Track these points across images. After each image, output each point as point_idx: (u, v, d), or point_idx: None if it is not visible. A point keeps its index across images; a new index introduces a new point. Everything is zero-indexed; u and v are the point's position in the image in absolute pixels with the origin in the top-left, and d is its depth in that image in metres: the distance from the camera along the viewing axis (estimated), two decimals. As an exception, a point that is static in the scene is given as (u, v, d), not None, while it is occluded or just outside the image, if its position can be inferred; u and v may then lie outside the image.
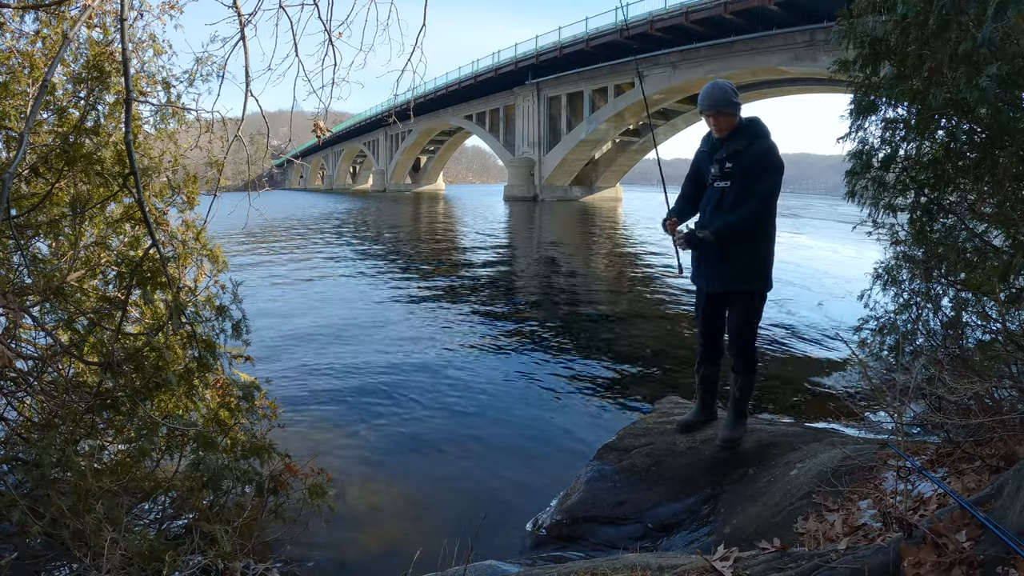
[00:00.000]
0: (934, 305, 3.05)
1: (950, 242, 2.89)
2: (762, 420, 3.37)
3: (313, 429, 3.94)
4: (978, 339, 2.79)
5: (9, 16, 2.44)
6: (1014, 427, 1.94)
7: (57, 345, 2.38)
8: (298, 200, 44.79)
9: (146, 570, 1.89)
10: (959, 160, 2.68)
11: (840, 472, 2.26)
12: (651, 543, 2.54)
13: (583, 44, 33.21)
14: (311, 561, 2.52)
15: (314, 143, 60.55)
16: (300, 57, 2.58)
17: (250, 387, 2.65)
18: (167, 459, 2.50)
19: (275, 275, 10.48)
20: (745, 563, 1.62)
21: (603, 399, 4.61)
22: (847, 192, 3.19)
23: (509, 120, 43.17)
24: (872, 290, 3.37)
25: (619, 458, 2.92)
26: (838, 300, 8.18)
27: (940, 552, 1.26)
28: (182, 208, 2.62)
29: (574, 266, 12.53)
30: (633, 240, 17.72)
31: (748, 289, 2.74)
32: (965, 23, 2.28)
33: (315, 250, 14.50)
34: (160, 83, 2.59)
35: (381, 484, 3.27)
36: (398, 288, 9.34)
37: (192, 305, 2.44)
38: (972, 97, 2.17)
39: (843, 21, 3.00)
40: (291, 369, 5.22)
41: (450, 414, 4.26)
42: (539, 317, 7.43)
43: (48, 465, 1.95)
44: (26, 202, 2.41)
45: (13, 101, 2.38)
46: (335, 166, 77.06)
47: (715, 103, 2.67)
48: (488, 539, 2.67)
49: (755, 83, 31.18)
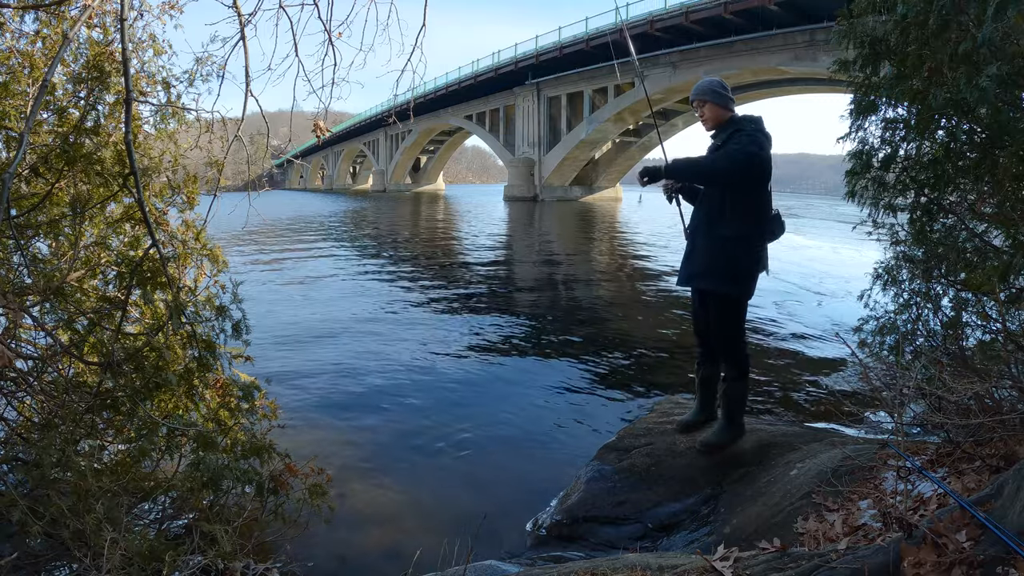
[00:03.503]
0: (934, 305, 3.05)
1: (950, 242, 2.89)
2: (762, 420, 3.37)
3: (313, 429, 3.94)
4: (978, 339, 2.79)
5: (9, 16, 2.43)
6: (1014, 427, 1.94)
7: (57, 345, 2.38)
8: (298, 200, 44.79)
9: (146, 570, 1.89)
10: (959, 160, 2.68)
11: (840, 472, 2.26)
12: (651, 543, 2.54)
13: (583, 44, 33.23)
14: (311, 561, 2.52)
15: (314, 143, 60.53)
16: (300, 57, 2.58)
17: (250, 387, 2.64)
18: (167, 459, 2.49)
19: (275, 275, 10.48)
20: (745, 563, 1.62)
21: (603, 399, 4.61)
22: (847, 192, 3.19)
23: (509, 120, 43.18)
24: (872, 290, 3.37)
25: (619, 458, 2.92)
26: (838, 300, 8.18)
27: (940, 552, 1.26)
28: (182, 208, 2.62)
29: (574, 266, 12.53)
30: (633, 240, 17.72)
31: (709, 288, 2.72)
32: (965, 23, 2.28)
33: (315, 250, 14.49)
34: (160, 83, 2.59)
35: (381, 484, 3.27)
36: (398, 288, 9.34)
37: (192, 305, 2.44)
38: (972, 97, 2.17)
39: (843, 21, 3.00)
40: (291, 369, 5.22)
41: (450, 414, 4.26)
42: (539, 317, 7.43)
43: (48, 465, 1.95)
44: (26, 202, 2.40)
45: (13, 101, 2.38)
46: (335, 166, 77.07)
47: (697, 91, 2.72)
48: (488, 539, 2.67)
49: (755, 83, 31.21)
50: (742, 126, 2.64)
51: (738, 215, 2.62)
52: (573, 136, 37.74)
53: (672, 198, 2.88)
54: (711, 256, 2.68)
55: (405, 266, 11.98)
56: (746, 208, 2.62)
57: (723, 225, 2.64)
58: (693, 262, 2.75)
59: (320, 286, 9.51)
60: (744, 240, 2.64)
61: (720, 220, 2.64)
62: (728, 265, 2.65)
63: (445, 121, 50.20)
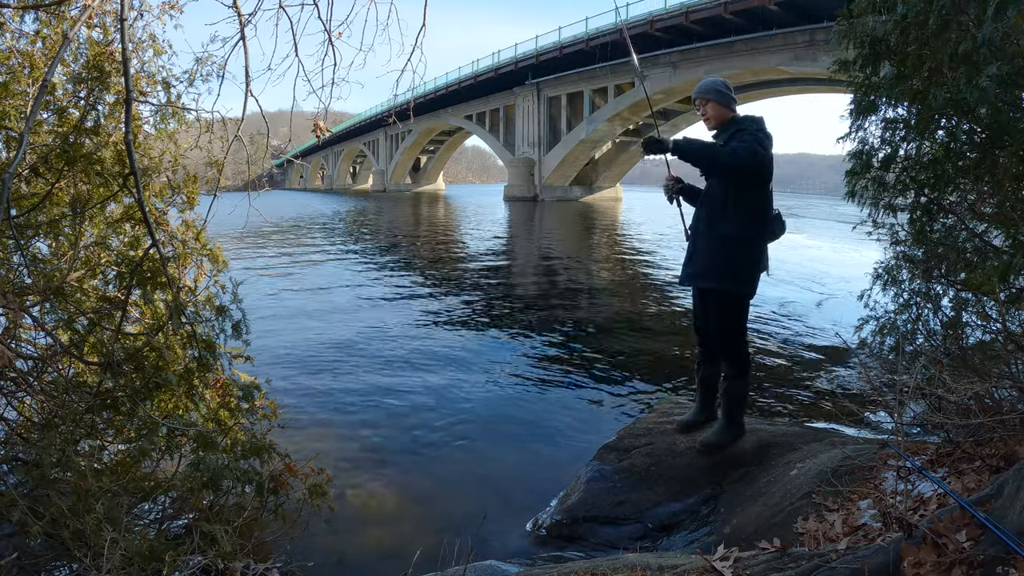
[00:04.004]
0: (934, 305, 3.05)
1: (950, 242, 2.89)
2: (762, 420, 3.37)
3: (313, 429, 3.94)
4: (978, 339, 2.79)
5: (9, 16, 2.43)
6: (1014, 427, 1.94)
7: (57, 345, 2.38)
8: (298, 200, 44.79)
9: (146, 570, 1.89)
10: (959, 160, 2.68)
11: (840, 472, 2.26)
12: (651, 543, 2.54)
13: (583, 44, 33.22)
14: (311, 561, 2.52)
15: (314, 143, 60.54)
16: (300, 57, 2.58)
17: (250, 387, 2.64)
18: (167, 459, 2.49)
19: (275, 275, 10.48)
20: (745, 563, 1.62)
21: (603, 399, 4.61)
22: (847, 192, 3.19)
23: (509, 120, 43.17)
24: (872, 290, 3.37)
25: (619, 458, 2.92)
26: (838, 300, 8.18)
27: (940, 552, 1.26)
28: (182, 208, 2.62)
29: (573, 266, 12.53)
30: (633, 240, 17.72)
31: (710, 287, 2.72)
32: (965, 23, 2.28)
33: (315, 250, 14.49)
34: (160, 83, 2.59)
35: (381, 484, 3.27)
36: (398, 288, 9.34)
37: (192, 305, 2.44)
38: (972, 97, 2.17)
39: (843, 21, 3.00)
40: (291, 369, 5.22)
41: (450, 414, 4.26)
42: (539, 317, 7.43)
43: (48, 465, 1.95)
44: (26, 202, 2.40)
45: (13, 101, 2.37)
46: (335, 166, 77.07)
47: (700, 90, 2.73)
48: (488, 539, 2.67)
49: (755, 83, 31.20)
50: (744, 126, 2.65)
51: (739, 215, 2.62)
52: (573, 136, 37.73)
53: (673, 199, 2.89)
54: (712, 255, 2.68)
55: (405, 266, 11.98)
56: (747, 208, 2.63)
57: (724, 225, 2.64)
58: (694, 262, 2.76)
59: (320, 285, 9.51)
60: (745, 239, 2.64)
61: (721, 220, 2.65)
62: (729, 264, 2.66)
63: (445, 121, 50.18)
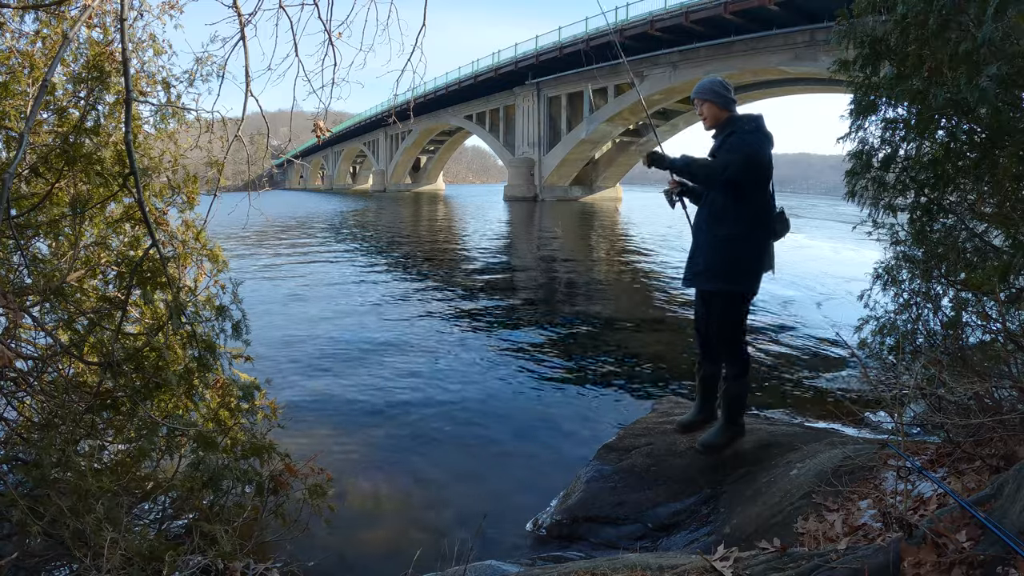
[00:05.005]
0: (934, 305, 3.05)
1: (950, 242, 2.89)
2: (762, 420, 3.37)
3: (313, 429, 3.94)
4: (978, 339, 2.79)
5: (9, 16, 2.43)
6: (1014, 427, 1.94)
7: (57, 345, 2.38)
8: (298, 200, 44.79)
9: (146, 570, 1.89)
10: (959, 160, 2.68)
11: (840, 472, 2.26)
12: (651, 543, 2.54)
13: (583, 44, 33.22)
14: (311, 561, 2.52)
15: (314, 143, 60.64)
16: (300, 57, 2.58)
17: (250, 387, 2.64)
18: (167, 459, 2.49)
19: (275, 275, 10.48)
20: (745, 563, 1.62)
21: (603, 399, 4.61)
22: (847, 192, 3.19)
23: (509, 120, 43.16)
24: (872, 290, 3.38)
25: (619, 458, 2.92)
26: (838, 300, 8.18)
27: (940, 552, 1.26)
28: (182, 208, 2.62)
29: (573, 266, 12.53)
30: (633, 240, 17.72)
31: (711, 288, 2.74)
32: (965, 23, 2.28)
33: (315, 250, 14.49)
34: (160, 83, 2.59)
35: (381, 484, 3.27)
36: (398, 288, 9.34)
37: (192, 305, 2.44)
38: (972, 97, 2.17)
39: (843, 21, 3.00)
40: (291, 369, 5.22)
41: (450, 414, 4.26)
42: (539, 317, 7.43)
43: (48, 465, 1.95)
44: (26, 202, 2.40)
45: (13, 101, 2.38)
46: (335, 166, 77.08)
47: (697, 90, 2.76)
48: (488, 539, 2.67)
49: (755, 83, 31.19)
50: (739, 126, 2.66)
51: (739, 215, 2.63)
52: (573, 136, 37.73)
53: (674, 201, 2.89)
54: (712, 254, 2.69)
55: (405, 266, 11.98)
56: (747, 208, 2.63)
57: (724, 225, 2.65)
58: (696, 262, 2.78)
59: (320, 285, 9.51)
60: (745, 239, 2.65)
61: (722, 220, 2.66)
62: (729, 263, 2.67)
63: (445, 121, 50.17)
